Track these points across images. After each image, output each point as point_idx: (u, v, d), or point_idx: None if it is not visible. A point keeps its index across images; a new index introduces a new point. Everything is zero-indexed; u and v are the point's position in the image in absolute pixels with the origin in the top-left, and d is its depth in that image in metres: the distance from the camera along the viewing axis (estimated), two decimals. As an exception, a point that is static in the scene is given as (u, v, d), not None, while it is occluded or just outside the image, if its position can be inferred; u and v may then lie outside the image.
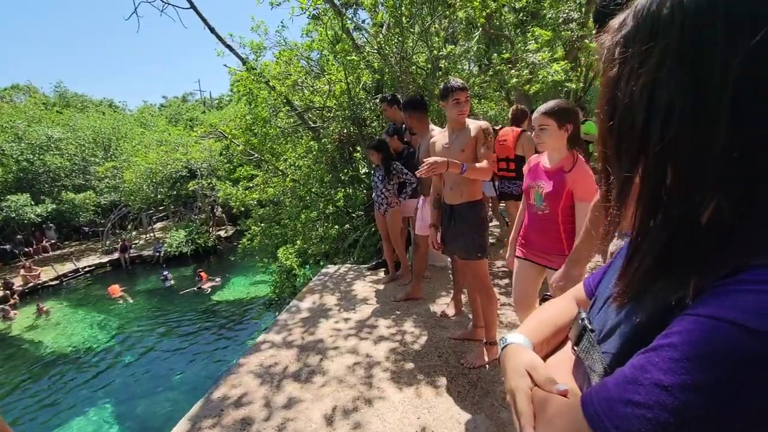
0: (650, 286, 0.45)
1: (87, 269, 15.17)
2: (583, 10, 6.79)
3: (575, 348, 0.60)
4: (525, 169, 2.10)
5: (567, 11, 7.03)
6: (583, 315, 0.60)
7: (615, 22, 0.46)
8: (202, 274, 13.24)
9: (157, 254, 15.91)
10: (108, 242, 17.20)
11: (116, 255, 15.91)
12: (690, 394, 0.35)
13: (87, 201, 17.58)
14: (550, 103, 1.87)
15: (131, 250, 16.29)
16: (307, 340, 3.18)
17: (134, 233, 18.90)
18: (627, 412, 0.39)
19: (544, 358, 0.71)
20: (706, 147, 0.38)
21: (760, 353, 0.33)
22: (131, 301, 12.42)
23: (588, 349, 0.55)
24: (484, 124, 2.40)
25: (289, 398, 2.45)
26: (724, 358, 0.34)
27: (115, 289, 12.75)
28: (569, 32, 6.67)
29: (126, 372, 8.11)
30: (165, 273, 13.77)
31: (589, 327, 0.57)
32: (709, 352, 0.35)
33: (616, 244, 1.55)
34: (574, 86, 5.95)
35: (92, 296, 12.94)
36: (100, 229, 18.13)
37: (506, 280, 4.04)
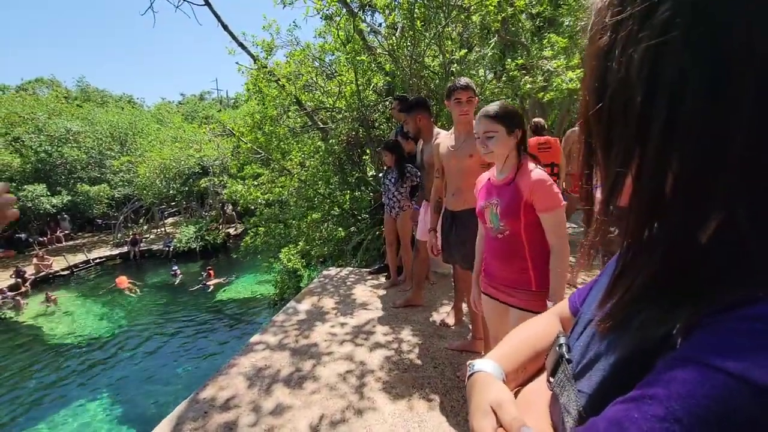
0: (638, 312, 0.36)
1: (97, 261, 15.38)
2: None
3: (550, 380, 0.50)
4: (475, 189, 1.83)
5: (585, 19, 6.90)
6: (562, 340, 0.51)
7: None
8: (211, 271, 13.30)
9: (167, 249, 16.05)
10: (120, 235, 17.45)
11: (126, 248, 16.11)
12: None
13: (101, 194, 17.90)
14: (494, 106, 1.61)
15: (141, 244, 16.49)
16: (301, 343, 3.11)
17: (146, 227, 19.15)
18: None
19: (522, 385, 0.62)
20: (726, 131, 0.29)
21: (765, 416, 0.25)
22: (139, 293, 12.53)
23: (563, 384, 0.46)
24: None
25: (277, 404, 2.37)
26: (721, 421, 0.26)
27: (123, 281, 12.88)
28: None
29: (129, 365, 8.14)
30: (174, 268, 13.88)
31: (566, 356, 0.48)
32: (701, 410, 0.27)
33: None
34: (590, 96, 5.82)
35: (101, 288, 13.09)
36: (113, 221, 18.42)
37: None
